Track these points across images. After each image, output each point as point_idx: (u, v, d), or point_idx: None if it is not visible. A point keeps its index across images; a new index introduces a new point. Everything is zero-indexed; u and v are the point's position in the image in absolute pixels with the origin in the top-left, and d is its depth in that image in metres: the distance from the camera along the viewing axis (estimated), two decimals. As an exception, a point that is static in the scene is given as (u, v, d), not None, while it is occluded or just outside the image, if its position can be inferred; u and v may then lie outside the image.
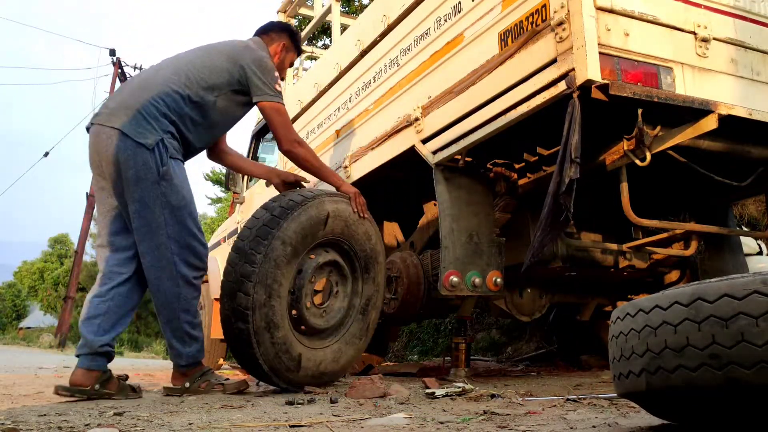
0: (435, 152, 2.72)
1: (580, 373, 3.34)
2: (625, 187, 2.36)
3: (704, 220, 3.11)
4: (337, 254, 2.68)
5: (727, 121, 2.16)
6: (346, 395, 2.20)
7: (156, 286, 2.46)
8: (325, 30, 9.11)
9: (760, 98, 2.34)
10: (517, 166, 2.91)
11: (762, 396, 1.00)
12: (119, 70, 18.64)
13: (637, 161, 2.22)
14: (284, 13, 4.72)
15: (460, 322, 3.02)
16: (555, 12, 2.08)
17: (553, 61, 2.09)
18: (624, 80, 2.06)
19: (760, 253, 3.97)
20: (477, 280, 2.63)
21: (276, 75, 2.63)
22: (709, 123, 2.15)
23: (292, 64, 2.98)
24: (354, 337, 2.69)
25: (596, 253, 3.09)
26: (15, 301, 33.90)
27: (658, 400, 1.20)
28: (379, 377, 2.25)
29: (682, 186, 3.00)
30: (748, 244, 3.84)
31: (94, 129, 2.52)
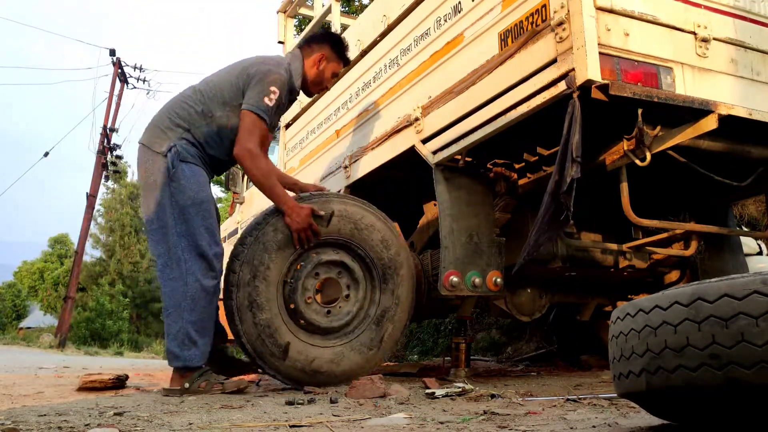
0: (435, 152, 2.72)
1: (580, 373, 3.34)
2: (625, 187, 2.36)
3: (704, 220, 3.11)
4: (349, 257, 2.68)
5: (727, 121, 2.16)
6: (346, 395, 2.20)
7: (166, 286, 2.50)
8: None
9: (760, 98, 2.34)
10: (517, 166, 2.91)
11: (762, 396, 1.00)
12: (119, 70, 18.63)
13: (637, 161, 2.22)
14: (284, 13, 4.72)
15: (460, 322, 3.01)
16: (555, 12, 2.09)
17: (553, 61, 2.09)
18: (624, 80, 2.06)
19: (760, 253, 3.97)
20: (477, 280, 2.63)
21: (272, 90, 2.60)
22: (709, 123, 2.15)
23: (335, 75, 2.93)
24: (363, 346, 2.63)
25: (596, 253, 3.09)
26: (15, 301, 33.87)
27: (658, 400, 1.20)
28: (379, 377, 2.25)
29: (682, 186, 3.00)
30: (748, 244, 3.84)
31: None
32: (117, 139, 23.38)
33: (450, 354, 2.98)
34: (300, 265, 2.63)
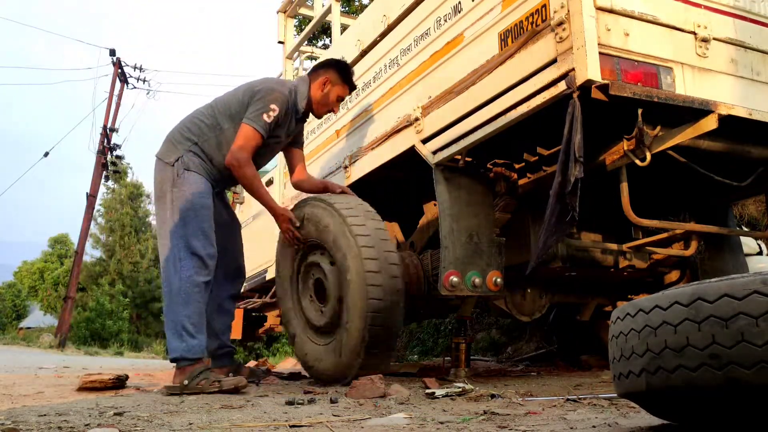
0: (435, 152, 2.72)
1: (580, 373, 3.34)
2: (625, 187, 2.35)
3: (704, 220, 3.10)
4: (325, 258, 2.78)
5: (727, 121, 2.16)
6: (346, 395, 2.20)
7: (165, 281, 2.74)
8: (325, 30, 9.11)
9: (760, 98, 2.34)
10: (517, 166, 2.91)
11: (762, 396, 1.00)
12: (119, 70, 18.63)
13: (637, 161, 2.22)
14: (284, 13, 4.71)
15: (460, 322, 3.01)
16: (555, 12, 2.08)
17: (553, 61, 2.09)
18: (624, 80, 2.06)
19: (760, 253, 3.96)
20: (477, 280, 2.62)
21: (272, 107, 2.79)
22: (709, 123, 2.14)
23: (341, 98, 3.07)
24: (334, 350, 2.64)
25: (596, 253, 3.09)
26: (15, 301, 33.86)
27: (658, 400, 1.20)
28: (379, 377, 2.25)
29: (682, 186, 3.00)
30: (748, 244, 3.83)
31: None
32: (117, 139, 23.29)
33: (450, 354, 2.98)
34: (301, 265, 2.91)
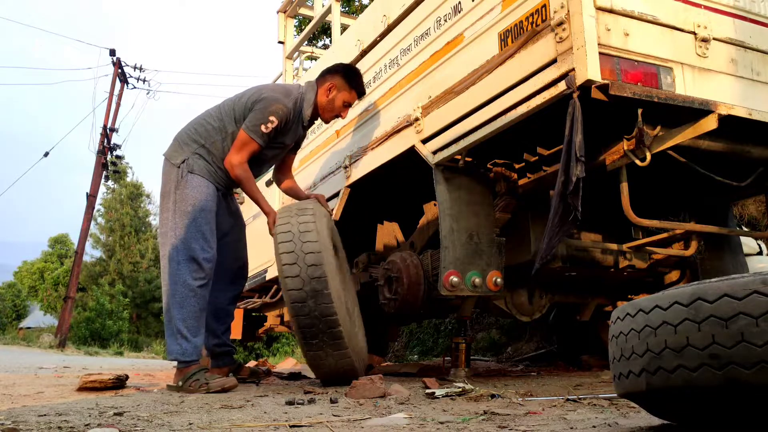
0: (435, 152, 2.72)
1: (580, 373, 3.34)
2: (625, 187, 2.35)
3: (704, 220, 3.10)
4: None
5: (727, 121, 2.16)
6: (346, 395, 2.20)
7: (163, 282, 2.78)
8: (325, 30, 9.10)
9: (760, 98, 2.34)
10: (517, 166, 2.91)
11: (762, 396, 1.00)
12: (119, 70, 18.62)
13: (637, 161, 2.22)
14: (284, 13, 4.71)
15: (460, 322, 3.01)
16: (555, 12, 2.08)
17: (553, 62, 2.09)
18: (624, 80, 2.06)
19: (760, 253, 3.97)
20: (477, 280, 2.62)
21: (270, 119, 2.82)
22: (709, 123, 2.14)
23: (347, 104, 3.05)
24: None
25: (596, 253, 3.09)
26: (15, 301, 33.83)
27: (658, 400, 1.20)
28: (379, 377, 2.25)
29: (682, 186, 3.00)
30: (748, 244, 3.83)
31: None
32: (117, 139, 23.36)
33: (450, 354, 2.98)
34: None
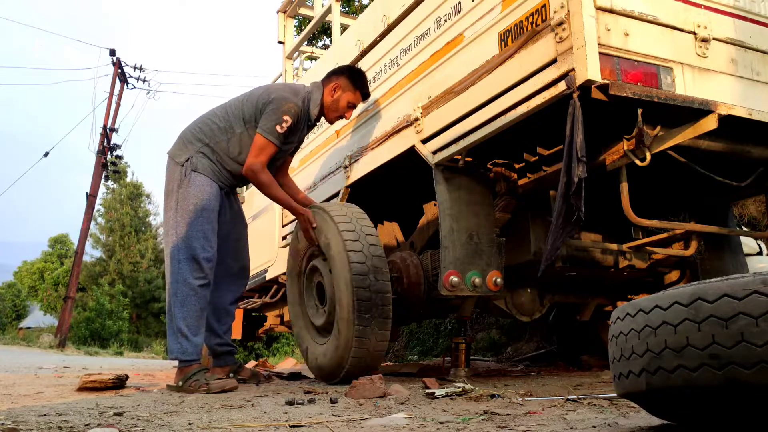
0: (435, 152, 2.72)
1: (580, 373, 3.34)
2: (625, 187, 2.35)
3: (704, 220, 3.10)
4: (320, 258, 2.97)
5: (727, 121, 2.16)
6: (346, 395, 2.20)
7: (166, 280, 2.81)
8: (325, 30, 9.10)
9: (760, 98, 2.34)
10: (517, 166, 2.91)
11: (762, 396, 1.00)
12: (119, 70, 18.63)
13: (637, 161, 2.22)
14: (284, 13, 4.71)
15: (460, 322, 3.01)
16: (555, 12, 2.08)
17: (553, 61, 2.09)
18: (624, 80, 2.06)
19: (760, 253, 3.96)
20: (477, 280, 2.62)
21: (285, 119, 2.84)
22: (709, 123, 2.14)
23: (352, 105, 3.07)
24: (333, 335, 2.79)
25: (596, 253, 3.09)
26: (15, 301, 33.82)
27: (658, 400, 1.20)
28: (379, 377, 2.25)
29: (682, 186, 3.00)
30: (748, 244, 3.83)
31: None
32: (117, 139, 23.32)
33: (450, 354, 2.98)
34: (305, 281, 3.05)
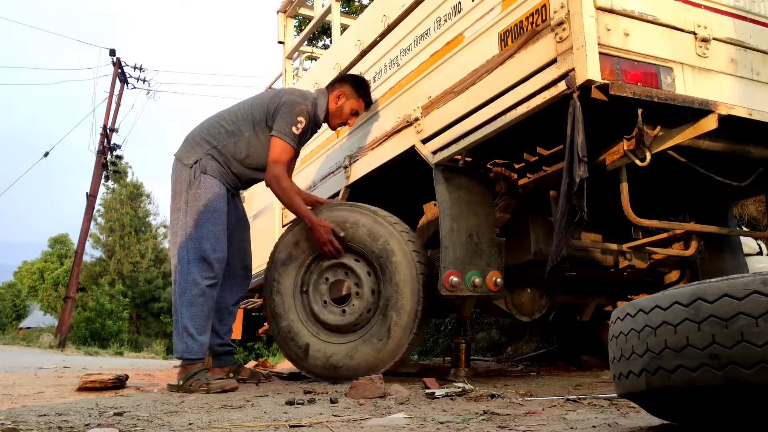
0: (435, 152, 2.72)
1: (580, 373, 3.34)
2: (625, 187, 2.35)
3: (704, 220, 3.10)
4: (350, 257, 2.90)
5: (727, 121, 2.16)
6: (346, 395, 2.20)
7: (174, 280, 2.81)
8: (325, 30, 9.10)
9: (760, 98, 2.34)
10: (517, 166, 2.91)
11: (762, 396, 1.00)
12: (119, 70, 18.62)
13: (637, 161, 2.22)
14: (284, 13, 4.71)
15: (460, 322, 3.01)
16: (555, 12, 2.08)
17: (553, 62, 2.09)
18: (624, 80, 2.06)
19: (760, 253, 3.97)
20: (477, 280, 2.62)
21: (299, 120, 2.86)
22: (709, 123, 2.14)
23: (355, 113, 3.11)
24: (373, 337, 2.75)
25: (596, 253, 3.09)
26: (15, 301, 33.81)
27: (658, 400, 1.20)
28: (379, 377, 2.25)
29: (682, 186, 3.00)
30: (748, 244, 3.84)
31: None
32: (117, 139, 23.35)
33: (450, 354, 2.98)
34: (310, 275, 2.99)
